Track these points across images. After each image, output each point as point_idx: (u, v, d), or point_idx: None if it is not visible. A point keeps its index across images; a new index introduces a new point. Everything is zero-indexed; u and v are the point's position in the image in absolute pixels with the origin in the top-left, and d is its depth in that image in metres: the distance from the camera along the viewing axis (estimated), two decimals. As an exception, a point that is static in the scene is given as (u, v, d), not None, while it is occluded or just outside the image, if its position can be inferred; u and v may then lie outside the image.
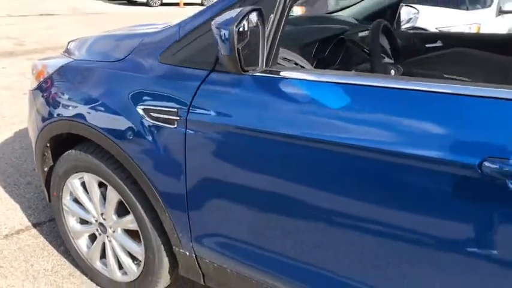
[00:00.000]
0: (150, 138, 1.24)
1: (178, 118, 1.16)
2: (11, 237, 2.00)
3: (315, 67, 1.48)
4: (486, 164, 0.76)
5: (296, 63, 1.26)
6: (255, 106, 1.05)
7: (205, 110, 1.12)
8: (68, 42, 1.81)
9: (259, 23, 0.97)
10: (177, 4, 14.90)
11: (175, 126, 1.17)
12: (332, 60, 1.54)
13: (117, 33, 1.64)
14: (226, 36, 0.89)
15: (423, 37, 2.32)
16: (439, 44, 2.20)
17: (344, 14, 2.20)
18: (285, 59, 1.23)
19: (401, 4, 2.31)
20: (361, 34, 1.68)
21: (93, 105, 1.38)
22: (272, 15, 1.01)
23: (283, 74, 1.04)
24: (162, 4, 14.50)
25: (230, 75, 1.08)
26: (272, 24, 1.02)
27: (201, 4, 14.75)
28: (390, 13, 2.27)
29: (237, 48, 0.90)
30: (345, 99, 0.92)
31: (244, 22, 0.90)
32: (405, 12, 2.46)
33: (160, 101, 1.21)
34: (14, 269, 1.79)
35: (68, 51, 1.72)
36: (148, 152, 1.25)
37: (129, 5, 14.50)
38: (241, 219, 1.18)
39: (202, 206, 1.23)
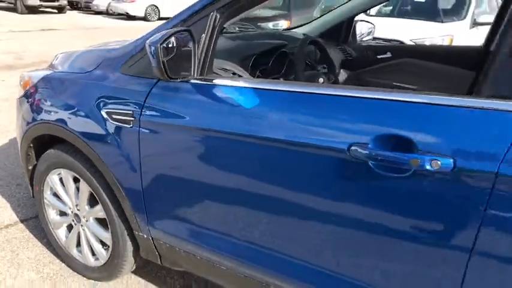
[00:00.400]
0: (112, 137, 1.47)
1: (133, 119, 1.39)
2: (0, 231, 2.22)
3: (258, 76, 1.73)
4: (353, 148, 0.99)
5: (234, 73, 1.50)
6: (191, 107, 1.28)
7: (154, 111, 1.35)
8: (55, 57, 2.06)
9: (191, 41, 1.21)
10: (174, 18, 15.25)
11: (131, 125, 1.40)
12: (276, 71, 1.78)
13: (92, 49, 1.89)
14: (154, 51, 1.13)
15: (375, 49, 2.56)
16: (388, 55, 2.44)
17: (300, 31, 2.46)
18: (223, 69, 1.48)
19: (356, 20, 2.57)
20: (307, 49, 1.93)
21: (68, 110, 1.61)
22: (204, 35, 1.25)
23: (214, 81, 1.27)
24: (160, 18, 14.91)
25: (173, 83, 1.31)
26: (204, 43, 1.26)
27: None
28: (345, 28, 2.53)
29: (162, 61, 1.14)
30: (255, 100, 1.15)
31: (172, 40, 1.14)
32: (363, 27, 2.71)
33: (120, 105, 1.44)
34: (1, 258, 2.01)
35: (52, 65, 1.97)
36: (111, 148, 1.48)
37: (127, 19, 14.90)
38: (185, 204, 1.41)
39: (154, 193, 1.45)
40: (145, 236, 1.55)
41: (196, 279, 1.90)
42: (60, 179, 1.82)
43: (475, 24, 5.58)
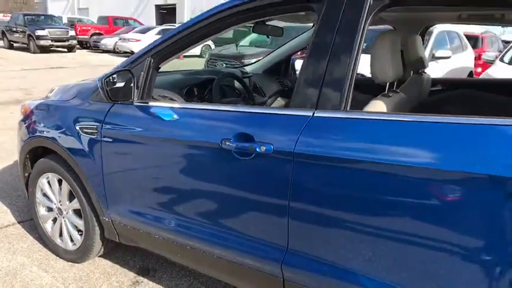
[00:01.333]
0: (83, 145, 2.03)
1: (97, 131, 1.96)
2: (0, 230, 2.75)
3: (193, 101, 2.35)
4: (223, 142, 1.54)
5: (171, 98, 2.09)
6: (132, 121, 1.86)
7: (110, 125, 1.92)
8: (51, 89, 2.67)
9: (131, 77, 1.81)
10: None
11: (96, 136, 1.97)
12: (205, 97, 2.40)
13: (76, 83, 2.50)
14: (100, 83, 1.73)
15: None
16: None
17: (250, 68, 3.09)
18: (163, 96, 2.07)
19: (292, 58, 3.19)
20: (227, 80, 2.56)
21: (54, 127, 2.20)
22: (142, 72, 1.85)
23: (149, 103, 1.85)
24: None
25: (122, 105, 1.89)
26: (143, 77, 1.85)
27: (200, 56, 15.03)
28: (284, 65, 3.15)
29: (106, 90, 1.74)
30: (171, 115, 1.72)
31: (114, 76, 1.75)
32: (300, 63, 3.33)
33: (89, 122, 2.02)
34: (0, 248, 2.53)
35: (47, 96, 2.57)
36: (83, 154, 2.05)
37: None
38: (133, 192, 1.95)
39: (112, 186, 1.99)
40: (106, 220, 2.08)
41: (154, 264, 2.40)
42: (48, 182, 2.38)
43: (433, 58, 6.23)
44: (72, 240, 2.35)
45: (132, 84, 1.82)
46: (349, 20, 1.37)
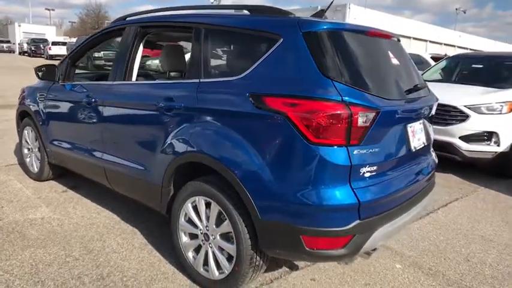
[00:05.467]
0: (40, 107, 3.69)
1: (44, 97, 3.62)
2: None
3: None
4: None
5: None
6: (58, 92, 3.47)
7: (51, 94, 3.56)
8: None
9: (56, 68, 3.47)
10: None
11: (44, 100, 3.62)
12: None
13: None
14: (37, 70, 3.41)
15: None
16: None
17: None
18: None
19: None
20: None
21: (29, 98, 3.90)
22: (64, 66, 3.48)
23: (66, 82, 3.46)
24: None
25: (56, 84, 3.52)
26: (63, 69, 3.48)
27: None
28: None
29: (37, 73, 3.39)
30: (69, 87, 3.32)
31: (43, 68, 3.41)
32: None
33: (42, 92, 3.68)
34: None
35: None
36: (38, 112, 3.70)
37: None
38: (57, 130, 3.54)
39: (50, 128, 3.60)
40: (47, 149, 3.70)
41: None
42: (27, 131, 4.07)
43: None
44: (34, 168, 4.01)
45: (57, 72, 3.47)
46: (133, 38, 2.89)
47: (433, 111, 2.60)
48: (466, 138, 4.69)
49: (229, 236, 2.14)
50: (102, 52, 14.50)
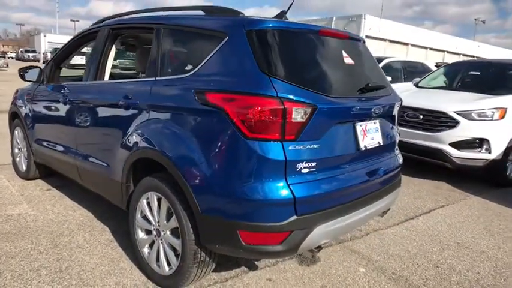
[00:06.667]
0: (27, 107, 3.83)
1: (30, 98, 3.75)
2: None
3: None
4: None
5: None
6: (42, 93, 3.60)
7: (36, 96, 3.69)
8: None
9: (39, 70, 3.60)
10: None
11: (31, 100, 3.76)
12: None
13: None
14: (20, 72, 3.54)
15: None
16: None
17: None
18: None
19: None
20: None
21: (20, 100, 4.05)
22: (48, 69, 3.61)
23: (49, 84, 3.58)
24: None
25: (42, 85, 3.66)
26: (47, 71, 3.61)
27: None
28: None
29: (21, 74, 3.52)
30: (51, 88, 3.44)
31: (28, 69, 3.54)
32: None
33: (29, 93, 3.82)
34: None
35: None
36: (25, 112, 3.84)
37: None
38: (43, 131, 3.66)
39: (35, 128, 3.73)
40: (32, 149, 3.82)
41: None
42: (17, 131, 4.22)
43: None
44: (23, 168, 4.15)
45: (41, 75, 3.60)
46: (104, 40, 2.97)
47: (395, 112, 2.57)
48: (457, 145, 4.58)
49: (178, 231, 2.15)
50: (117, 60, 15.37)
